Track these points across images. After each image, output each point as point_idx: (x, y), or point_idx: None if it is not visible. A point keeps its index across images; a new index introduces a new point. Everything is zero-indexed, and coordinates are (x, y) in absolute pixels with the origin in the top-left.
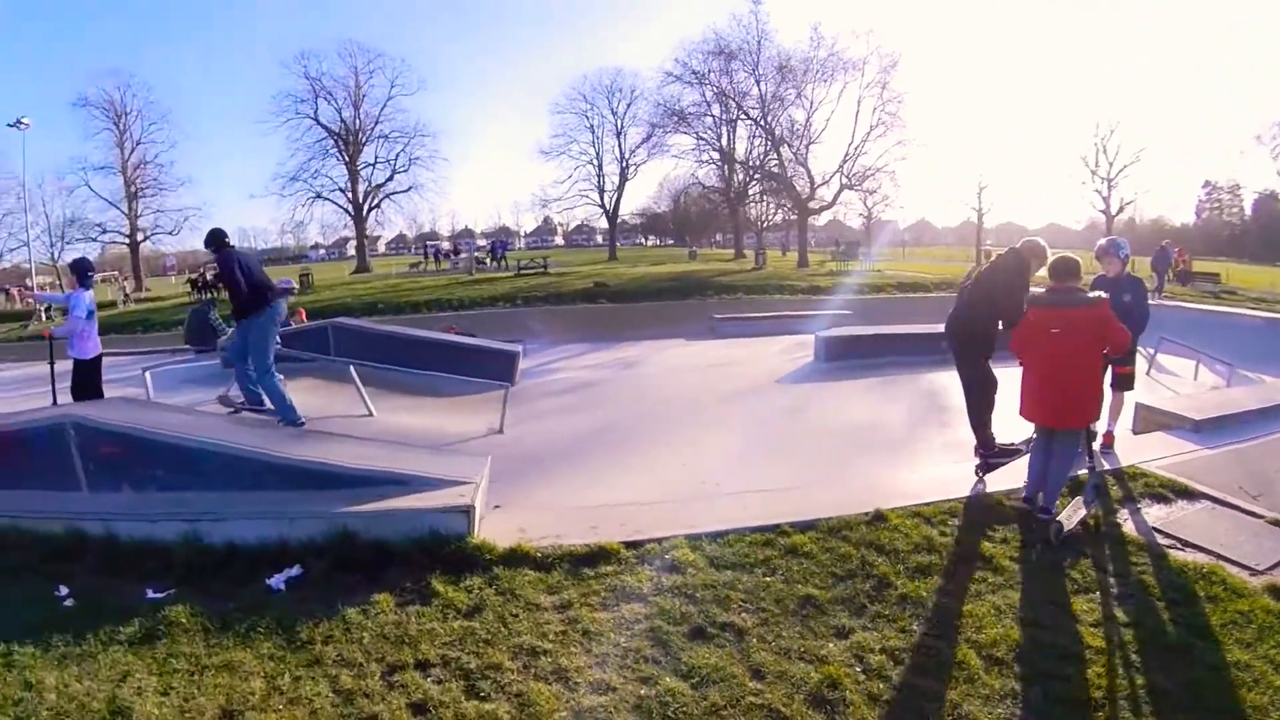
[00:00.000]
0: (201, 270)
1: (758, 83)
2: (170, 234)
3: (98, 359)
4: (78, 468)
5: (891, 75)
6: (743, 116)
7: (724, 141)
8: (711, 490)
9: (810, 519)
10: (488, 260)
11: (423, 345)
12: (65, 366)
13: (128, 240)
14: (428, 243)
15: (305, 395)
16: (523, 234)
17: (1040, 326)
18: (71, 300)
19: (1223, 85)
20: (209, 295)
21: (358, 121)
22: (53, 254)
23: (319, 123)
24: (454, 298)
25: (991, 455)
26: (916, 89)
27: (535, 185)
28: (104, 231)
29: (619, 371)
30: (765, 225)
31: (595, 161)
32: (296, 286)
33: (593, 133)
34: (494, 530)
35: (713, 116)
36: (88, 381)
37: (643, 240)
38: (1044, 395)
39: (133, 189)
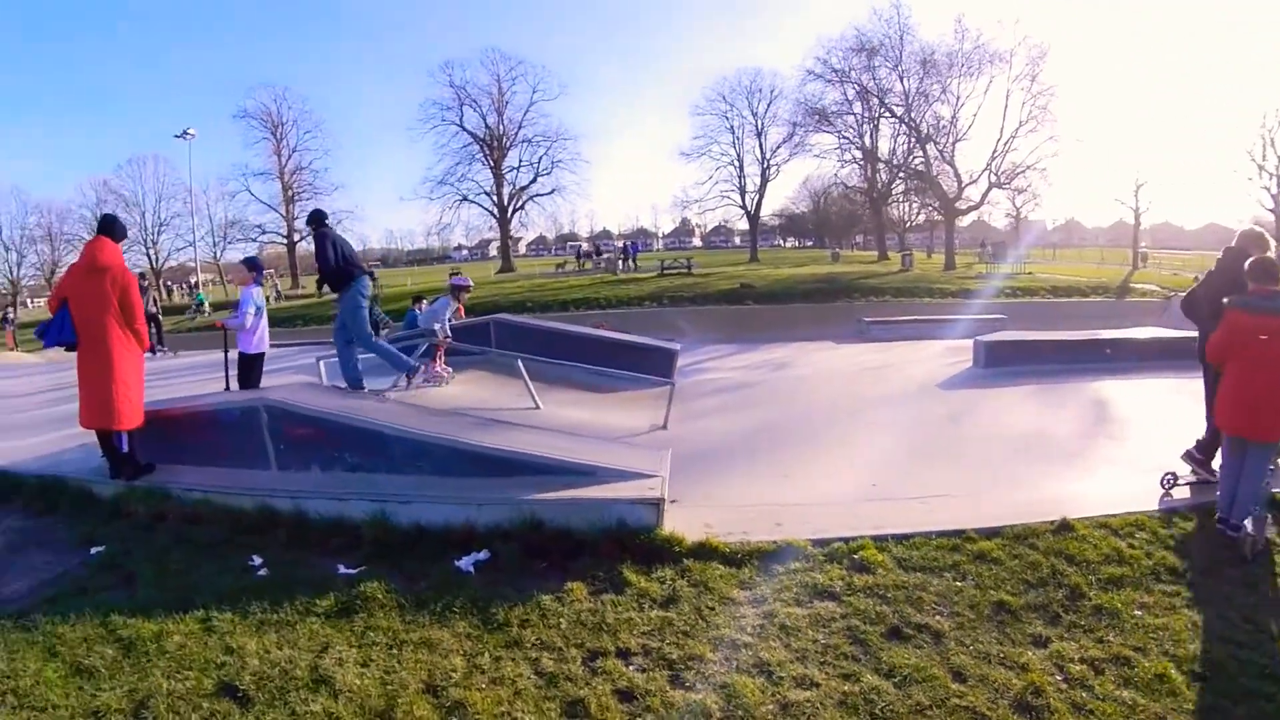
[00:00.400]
0: None
1: (901, 78)
2: None
3: (261, 355)
4: (268, 448)
5: (1040, 67)
6: (886, 114)
7: (867, 140)
8: (882, 493)
9: (994, 526)
10: (620, 262)
11: (581, 341)
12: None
13: (285, 241)
14: (569, 243)
15: (471, 387)
16: (660, 235)
17: (1246, 331)
18: (242, 296)
19: None
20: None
21: (501, 127)
22: (215, 253)
23: (464, 129)
24: (600, 296)
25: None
26: (1067, 81)
27: (674, 186)
28: (263, 232)
29: (771, 373)
30: (908, 226)
31: (736, 162)
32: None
33: (733, 133)
34: (678, 524)
35: (854, 114)
36: (248, 374)
37: (780, 241)
38: (1246, 404)
39: (290, 193)
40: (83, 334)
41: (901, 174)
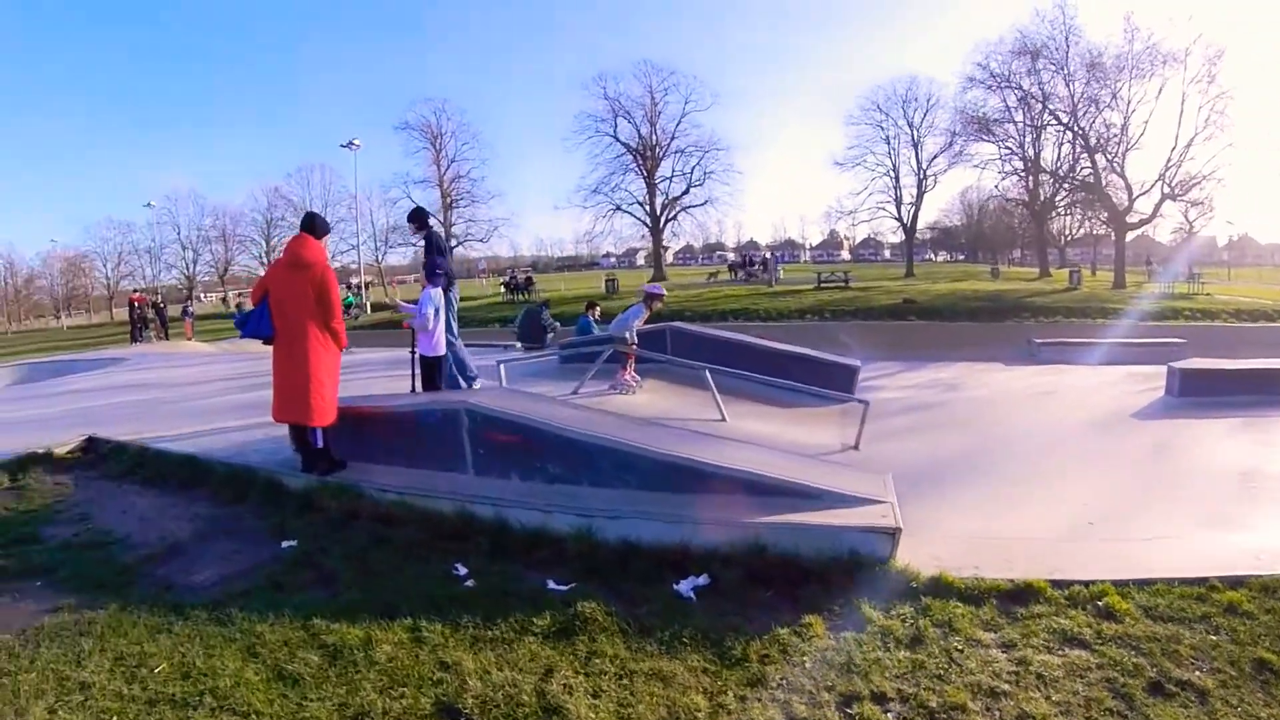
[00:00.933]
0: (513, 273)
1: (1066, 82)
2: (481, 241)
3: (442, 358)
4: (466, 452)
5: (1218, 68)
6: (1051, 120)
7: (1029, 149)
8: (1102, 532)
9: (1238, 575)
10: (740, 272)
11: (758, 352)
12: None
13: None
14: (716, 253)
15: (652, 396)
16: (808, 247)
17: None
18: (422, 297)
19: None
20: (537, 298)
21: (654, 137)
22: (376, 256)
23: (618, 140)
24: (759, 308)
25: None
26: (1246, 83)
27: (823, 197)
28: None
29: (945, 393)
30: (1068, 240)
31: (892, 173)
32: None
33: (888, 143)
34: (903, 554)
35: (1015, 122)
36: (429, 376)
37: (931, 255)
38: None
39: (448, 200)
40: (281, 329)
41: (1066, 185)
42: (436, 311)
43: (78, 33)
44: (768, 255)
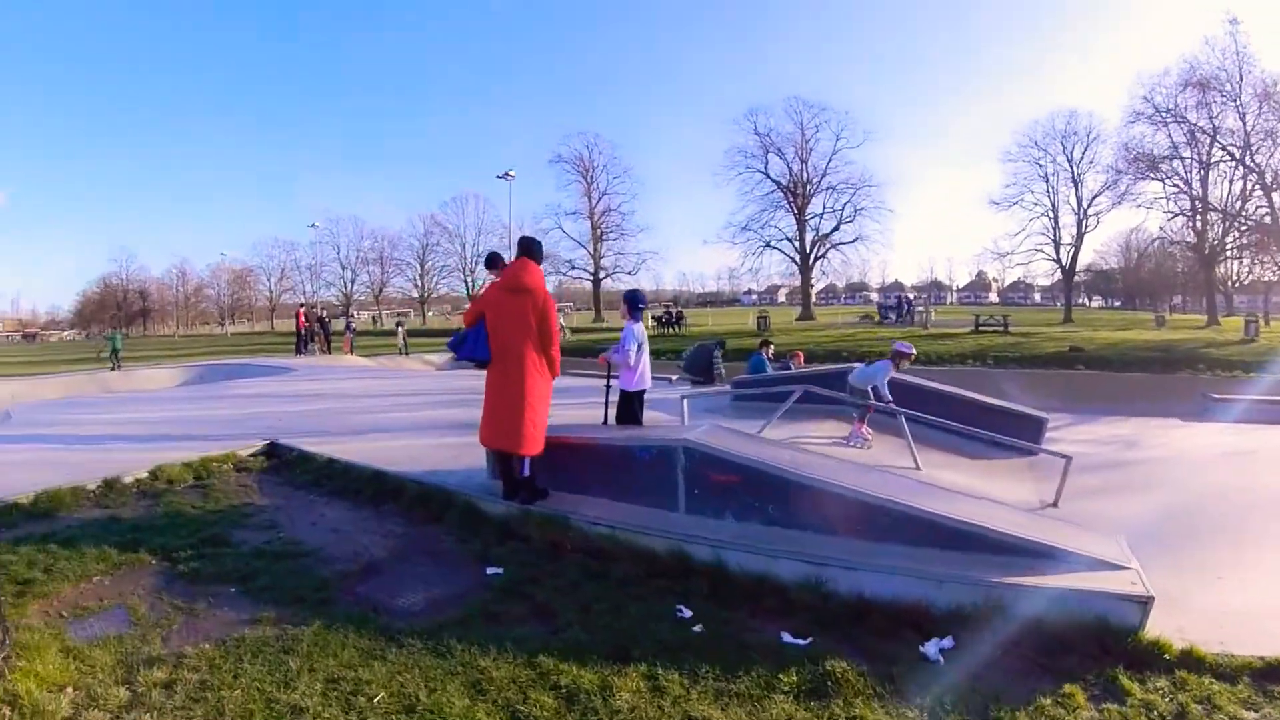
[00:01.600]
0: (667, 308)
1: (1239, 115)
2: (629, 274)
3: (641, 393)
4: (679, 489)
5: None
6: (1222, 157)
7: (1196, 187)
8: None
9: None
10: (891, 315)
11: (946, 399)
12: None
13: (591, 277)
14: (859, 293)
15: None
16: (955, 288)
17: None
18: (624, 332)
19: None
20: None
21: (805, 174)
22: None
23: (768, 176)
24: (919, 351)
25: None
26: None
27: (969, 237)
28: (572, 267)
29: (1126, 450)
30: (1236, 285)
31: (1051, 213)
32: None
33: (1047, 181)
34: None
35: (1182, 159)
36: (626, 411)
37: (1085, 300)
38: None
39: (598, 232)
40: (497, 353)
41: (1238, 226)
42: (639, 347)
43: (263, 73)
44: (911, 296)
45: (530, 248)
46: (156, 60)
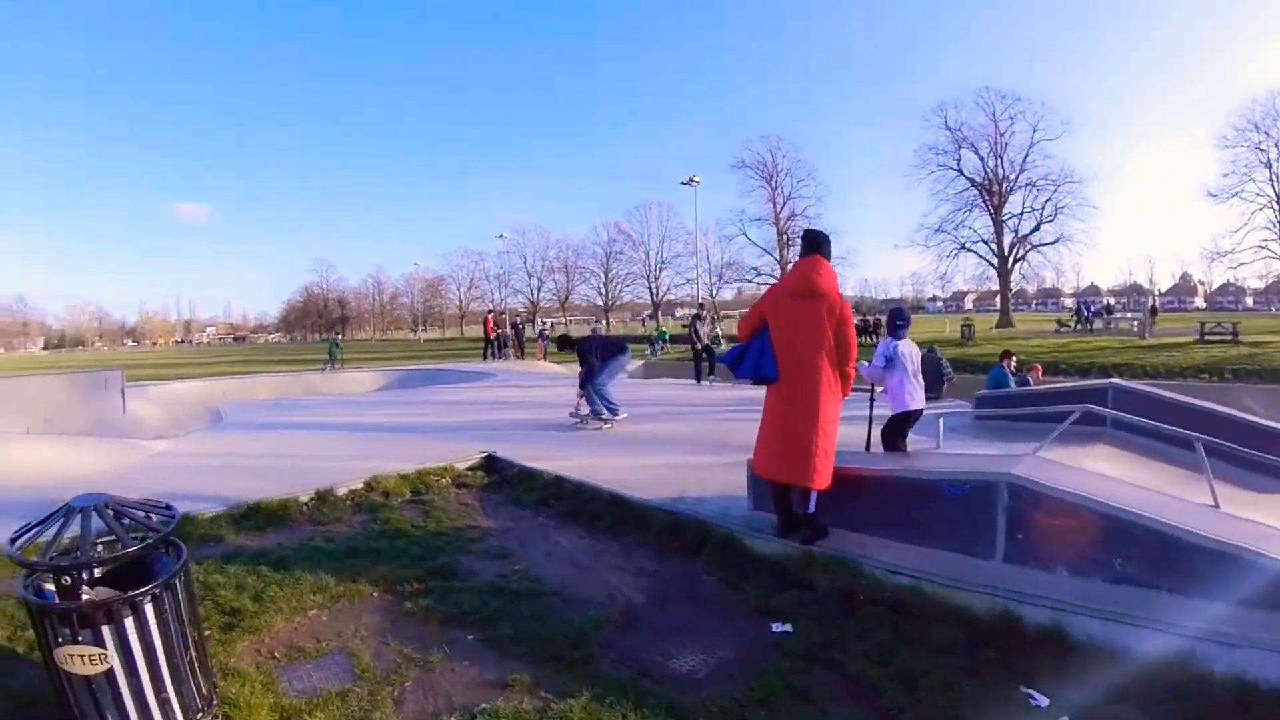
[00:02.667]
0: (865, 318)
1: None
2: None
3: (907, 415)
4: (998, 533)
5: None
6: None
7: None
8: None
9: None
10: (1071, 323)
11: (1219, 420)
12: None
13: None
14: (1049, 299)
15: (1105, 465)
16: (1158, 292)
17: None
18: (878, 347)
19: None
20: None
21: (1000, 170)
22: (711, 291)
23: (961, 173)
24: (1141, 363)
25: None
26: None
27: (1174, 235)
28: (757, 274)
29: None
30: None
31: (1275, 204)
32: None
33: (1269, 169)
34: None
35: None
36: (892, 435)
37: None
38: None
39: (784, 238)
40: (786, 369)
41: None
42: (889, 362)
43: (438, 95)
44: (1110, 302)
45: (819, 242)
46: (364, 86)
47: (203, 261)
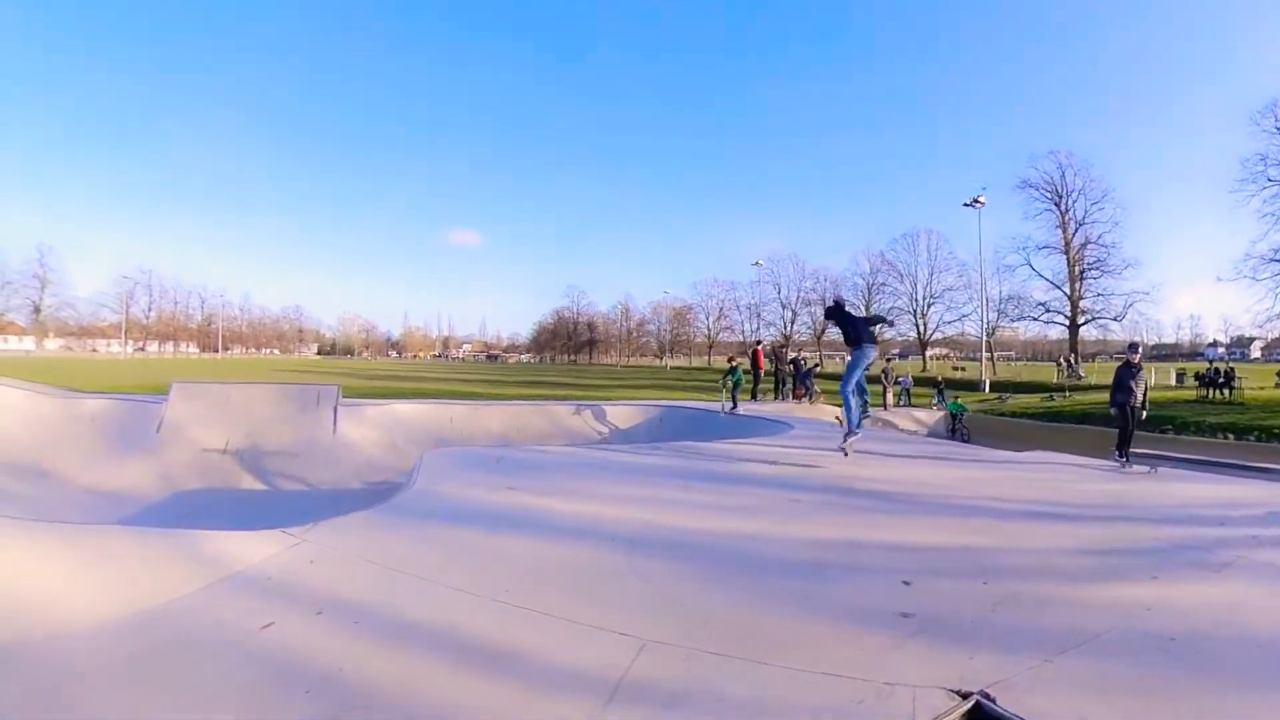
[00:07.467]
0: (1212, 366)
1: None
2: (1115, 319)
3: None
4: None
5: None
6: None
7: None
8: None
9: None
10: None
11: None
12: None
13: (1068, 321)
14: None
15: None
16: None
17: None
18: None
19: None
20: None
21: None
22: (989, 329)
23: None
24: None
25: None
26: None
27: None
28: (1045, 310)
29: None
30: None
31: None
32: None
33: None
34: None
35: None
36: None
37: None
38: None
39: (1076, 270)
40: None
41: None
42: None
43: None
44: None
45: None
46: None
47: (465, 281)
